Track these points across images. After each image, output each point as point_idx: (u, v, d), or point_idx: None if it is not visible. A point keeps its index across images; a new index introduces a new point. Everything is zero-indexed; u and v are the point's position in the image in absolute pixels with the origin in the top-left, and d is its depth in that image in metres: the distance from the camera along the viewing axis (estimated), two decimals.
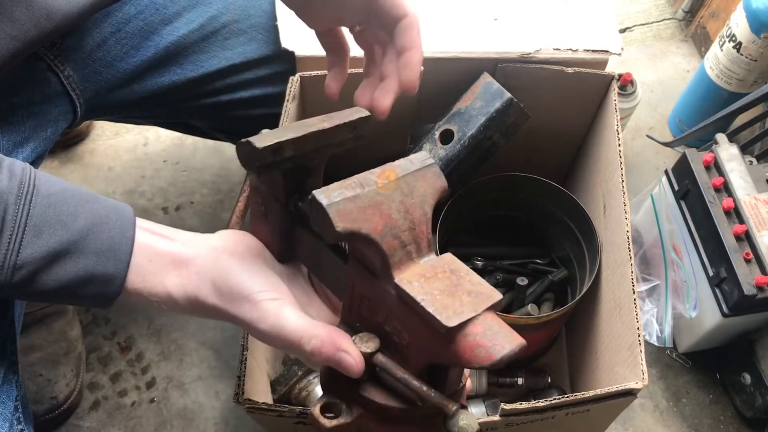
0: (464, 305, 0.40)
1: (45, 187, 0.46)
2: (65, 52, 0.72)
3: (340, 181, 0.43)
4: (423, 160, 0.46)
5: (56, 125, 0.73)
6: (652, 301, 1.03)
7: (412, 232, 0.43)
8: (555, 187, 0.89)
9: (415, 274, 0.42)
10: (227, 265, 0.48)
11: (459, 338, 0.39)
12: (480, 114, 0.82)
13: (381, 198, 0.43)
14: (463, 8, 0.88)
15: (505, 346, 0.39)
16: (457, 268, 0.43)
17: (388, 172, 0.44)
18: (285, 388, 0.84)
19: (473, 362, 0.39)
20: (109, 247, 0.46)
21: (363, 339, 0.45)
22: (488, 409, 0.92)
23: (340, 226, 0.41)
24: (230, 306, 0.47)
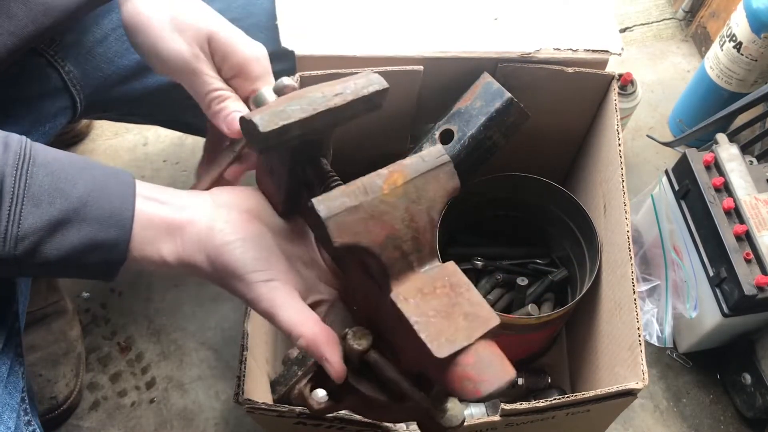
0: (459, 331, 0.38)
1: (42, 156, 0.45)
2: (66, 48, 0.72)
3: (343, 187, 0.41)
4: (437, 157, 0.43)
5: (55, 120, 0.73)
6: (652, 301, 1.03)
7: (415, 241, 0.42)
8: (555, 187, 0.89)
9: (413, 288, 0.41)
10: (220, 238, 0.47)
11: (449, 366, 0.38)
12: (480, 114, 0.81)
13: (385, 207, 0.41)
14: (463, 8, 0.88)
15: (493, 382, 0.38)
16: (457, 283, 0.41)
17: (396, 175, 0.42)
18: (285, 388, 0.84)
19: (460, 393, 0.38)
20: (110, 213, 0.46)
21: (356, 335, 0.44)
22: (488, 409, 0.92)
23: (338, 242, 0.39)
24: (225, 281, 0.48)
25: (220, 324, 1.06)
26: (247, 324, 0.69)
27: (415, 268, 0.42)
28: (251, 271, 0.46)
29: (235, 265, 0.46)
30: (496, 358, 0.39)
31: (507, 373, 0.38)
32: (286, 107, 0.43)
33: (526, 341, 0.92)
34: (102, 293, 1.09)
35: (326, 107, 0.44)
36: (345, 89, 0.45)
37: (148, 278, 1.10)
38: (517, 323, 0.83)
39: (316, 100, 0.44)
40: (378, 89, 0.46)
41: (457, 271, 0.42)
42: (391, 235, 0.41)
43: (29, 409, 0.59)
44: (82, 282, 1.09)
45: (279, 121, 0.43)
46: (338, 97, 0.44)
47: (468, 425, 0.64)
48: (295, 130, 0.43)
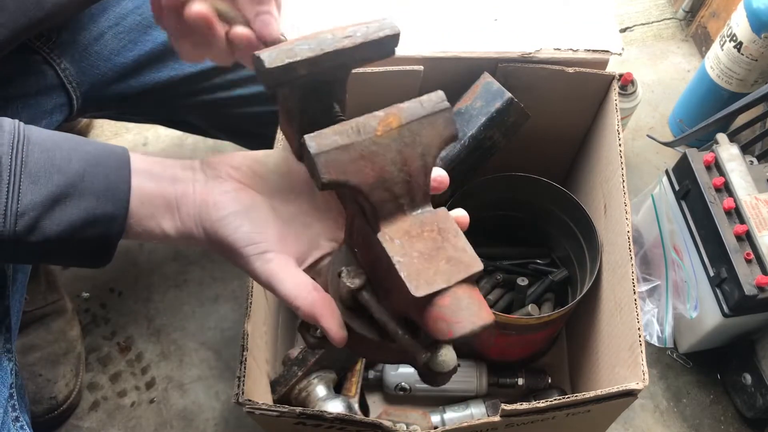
0: (439, 273, 0.39)
1: (36, 135, 0.46)
2: (61, 46, 0.72)
3: (337, 125, 0.41)
4: (436, 103, 0.43)
5: (51, 117, 0.73)
6: (652, 301, 1.03)
7: (406, 184, 0.42)
8: (555, 187, 0.89)
9: (401, 229, 0.41)
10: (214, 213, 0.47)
11: (426, 307, 0.39)
12: (480, 114, 0.81)
13: (377, 148, 0.41)
14: (463, 8, 0.88)
15: (466, 325, 0.38)
16: (445, 228, 0.42)
17: (392, 118, 0.42)
18: (285, 388, 0.84)
19: (434, 334, 0.39)
20: (106, 187, 0.46)
21: (350, 274, 0.44)
22: (488, 410, 0.92)
23: (326, 178, 0.39)
24: (224, 254, 0.48)
25: (220, 324, 1.06)
26: (247, 324, 0.69)
27: (405, 212, 0.42)
28: (245, 245, 0.47)
29: (229, 240, 0.47)
30: (474, 302, 0.39)
31: (481, 317, 0.39)
32: (294, 46, 0.44)
33: (527, 341, 0.92)
34: (102, 293, 1.09)
35: (334, 48, 0.44)
36: (356, 32, 0.45)
37: (148, 278, 1.10)
38: (517, 323, 0.83)
39: (325, 40, 0.44)
40: (389, 34, 0.45)
41: (448, 218, 0.42)
42: (382, 177, 0.41)
43: (17, 405, 0.59)
44: (82, 282, 1.09)
45: (285, 58, 0.43)
46: (348, 39, 0.44)
47: (468, 425, 0.64)
48: (302, 68, 0.43)
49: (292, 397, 0.85)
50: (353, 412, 0.83)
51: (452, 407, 0.93)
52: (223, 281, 1.10)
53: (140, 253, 1.12)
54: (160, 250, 1.12)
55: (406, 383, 0.94)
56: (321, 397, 0.84)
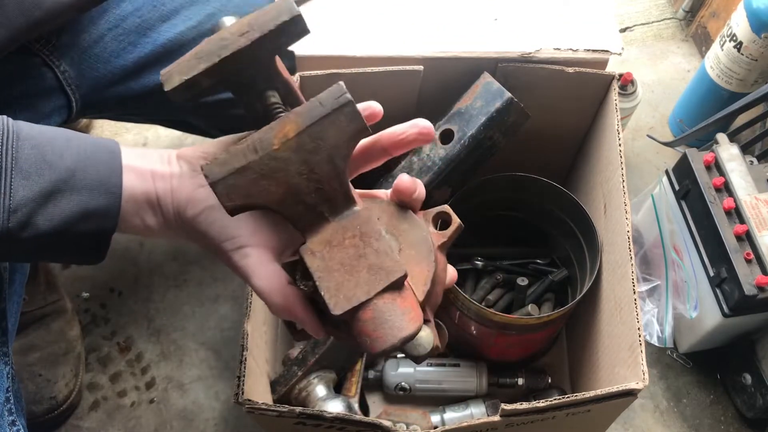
0: (359, 285, 0.38)
1: (26, 131, 0.46)
2: (61, 48, 0.72)
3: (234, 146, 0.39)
4: (337, 97, 0.40)
5: (50, 120, 0.72)
6: (652, 301, 1.03)
7: (319, 192, 0.40)
8: (555, 187, 0.89)
9: (323, 240, 0.40)
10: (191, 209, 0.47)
11: (351, 322, 0.38)
12: (480, 114, 0.81)
13: (277, 163, 0.39)
14: (463, 8, 0.88)
15: (387, 339, 0.37)
16: (367, 232, 0.40)
17: (289, 126, 0.39)
18: (285, 388, 0.84)
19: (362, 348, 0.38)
20: (98, 181, 0.46)
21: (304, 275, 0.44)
22: (488, 409, 0.92)
23: (229, 205, 0.39)
24: (205, 247, 0.48)
25: (219, 324, 1.06)
26: (247, 324, 0.69)
27: (328, 218, 0.41)
28: (222, 240, 0.47)
29: (206, 236, 0.47)
30: (395, 313, 0.38)
31: (402, 329, 0.38)
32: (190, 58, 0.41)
33: (527, 341, 0.92)
34: (102, 293, 1.09)
35: (231, 51, 0.41)
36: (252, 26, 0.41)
37: (148, 278, 1.10)
38: (517, 323, 0.83)
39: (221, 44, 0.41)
40: (286, 19, 0.41)
41: (371, 219, 0.41)
42: (290, 191, 0.40)
43: (14, 409, 0.59)
44: (82, 282, 1.09)
45: (182, 77, 0.41)
46: (243, 38, 0.41)
47: (468, 425, 0.64)
48: (204, 81, 0.41)
49: (292, 397, 0.85)
50: (353, 412, 0.83)
51: (452, 407, 0.93)
52: (223, 281, 1.09)
53: (140, 253, 1.12)
54: (160, 250, 1.12)
55: (406, 383, 0.94)
56: (321, 397, 0.84)
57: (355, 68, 0.79)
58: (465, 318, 0.86)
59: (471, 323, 0.86)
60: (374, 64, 0.80)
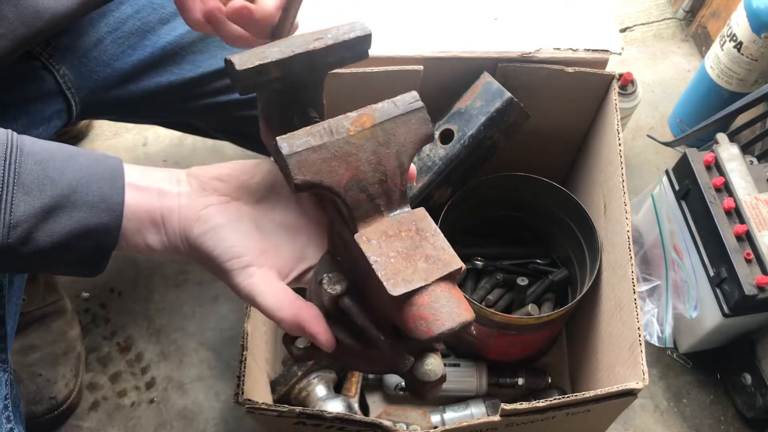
0: (417, 272, 0.39)
1: (29, 146, 0.45)
2: (60, 52, 0.72)
3: (309, 127, 0.41)
4: (410, 102, 0.43)
5: (50, 123, 0.72)
6: (652, 301, 1.03)
7: (382, 184, 0.42)
8: (555, 187, 0.89)
9: (378, 230, 0.41)
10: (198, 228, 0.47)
11: (405, 306, 0.38)
12: (480, 114, 0.81)
13: (350, 148, 0.40)
14: (463, 8, 0.88)
15: (445, 323, 0.38)
16: (424, 228, 0.41)
17: (365, 118, 0.41)
18: (285, 388, 0.84)
19: (414, 333, 0.38)
20: (100, 198, 0.46)
21: (332, 280, 0.44)
22: (488, 409, 0.92)
23: (299, 179, 0.39)
24: (208, 268, 0.48)
25: (219, 324, 1.06)
26: (247, 324, 0.69)
27: (383, 212, 0.42)
28: (227, 259, 0.46)
29: (213, 255, 0.47)
30: (453, 299, 0.39)
31: (461, 315, 0.38)
32: (266, 49, 0.44)
33: (527, 341, 0.92)
34: (102, 293, 1.09)
35: (305, 49, 0.44)
36: (326, 34, 0.45)
37: (148, 278, 1.10)
38: (517, 323, 0.83)
39: (296, 42, 0.44)
40: (360, 35, 0.45)
41: (426, 217, 0.42)
42: (356, 177, 0.41)
43: (12, 416, 0.59)
44: (82, 282, 1.09)
45: (256, 60, 0.43)
46: (318, 41, 0.44)
47: (468, 425, 0.64)
48: (273, 70, 0.43)
49: (292, 396, 0.85)
50: (353, 411, 0.84)
51: (452, 407, 0.93)
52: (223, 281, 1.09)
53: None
54: None
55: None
56: (321, 396, 0.84)
57: (355, 68, 0.79)
58: None
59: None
60: (374, 64, 0.80)
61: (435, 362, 0.43)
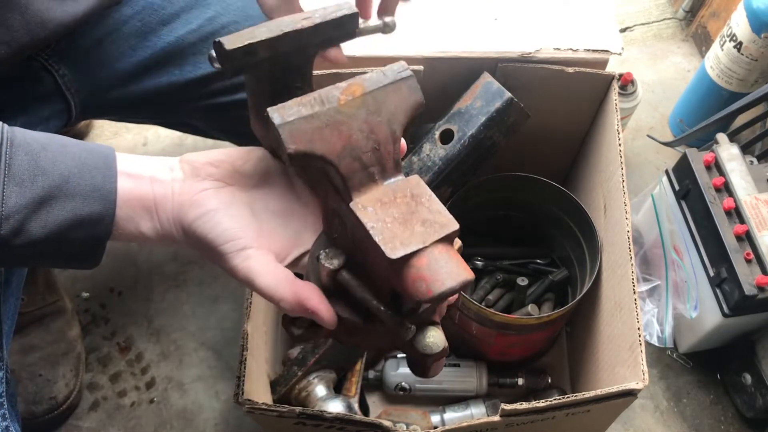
0: (414, 236, 0.39)
1: (20, 137, 0.45)
2: (60, 53, 0.72)
3: (299, 97, 0.41)
4: (399, 71, 0.43)
5: (48, 124, 0.72)
6: (652, 301, 1.03)
7: (375, 153, 0.42)
8: (555, 187, 0.89)
9: (373, 198, 0.41)
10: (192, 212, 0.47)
11: (404, 269, 0.39)
12: (480, 114, 0.81)
13: (342, 117, 0.41)
14: (463, 8, 0.88)
15: (445, 282, 0.38)
16: (419, 193, 0.42)
17: (354, 86, 0.41)
18: (285, 388, 0.84)
19: (414, 294, 0.38)
20: (93, 187, 0.46)
21: (329, 255, 0.44)
22: (488, 410, 0.92)
23: (292, 148, 0.39)
24: (204, 253, 0.48)
25: (220, 324, 1.06)
26: (247, 324, 0.69)
27: (377, 181, 0.42)
28: (223, 242, 0.46)
29: (207, 239, 0.46)
30: (452, 260, 0.39)
31: (461, 274, 0.38)
32: (254, 30, 0.44)
33: (527, 341, 0.92)
34: (102, 293, 1.09)
35: (293, 28, 0.44)
36: (314, 14, 0.45)
37: (148, 278, 1.10)
38: (517, 323, 0.83)
39: (284, 22, 0.44)
40: (347, 13, 0.46)
41: (420, 183, 0.42)
42: (349, 145, 0.41)
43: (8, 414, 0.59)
44: (82, 282, 1.09)
45: (245, 40, 0.43)
46: (306, 20, 0.44)
47: (468, 425, 0.64)
48: (262, 50, 0.43)
49: (292, 397, 0.85)
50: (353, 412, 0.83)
51: (452, 407, 0.93)
52: (223, 281, 1.09)
53: (140, 253, 1.12)
54: (159, 250, 1.12)
55: (406, 383, 0.94)
56: (321, 397, 0.84)
57: (355, 68, 0.79)
58: (465, 318, 0.86)
59: (471, 323, 0.86)
60: (374, 64, 0.79)
61: (436, 334, 0.43)
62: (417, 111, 0.43)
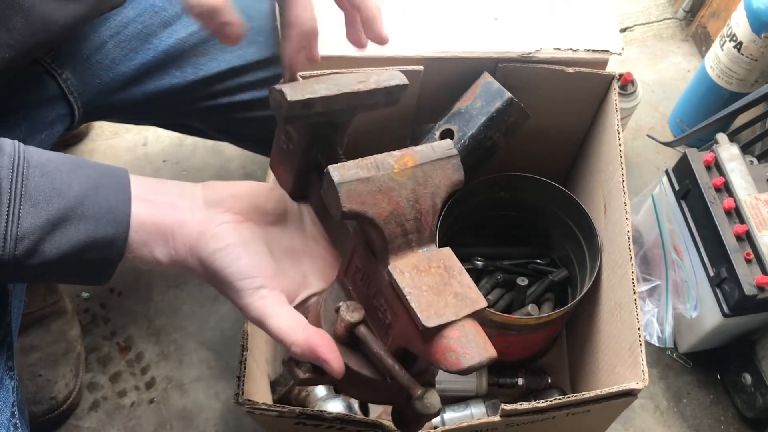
0: (447, 307, 0.41)
1: (36, 158, 0.46)
2: (63, 57, 0.72)
3: (357, 160, 0.43)
4: (446, 149, 0.46)
5: (53, 128, 0.72)
6: (652, 301, 1.03)
7: (417, 221, 0.44)
8: (555, 187, 0.89)
9: (410, 264, 0.43)
10: (212, 244, 0.47)
11: (435, 338, 0.40)
12: (480, 114, 0.81)
13: (393, 184, 0.43)
14: (463, 8, 0.88)
15: (474, 356, 0.40)
16: (451, 266, 0.44)
17: (407, 158, 0.44)
18: (285, 388, 0.84)
19: (442, 364, 0.40)
20: (106, 210, 0.46)
21: (349, 308, 0.46)
22: (488, 410, 0.92)
23: (347, 207, 0.41)
24: (217, 285, 0.48)
25: (220, 324, 1.06)
26: (247, 324, 0.69)
27: (413, 248, 0.44)
28: (240, 279, 0.47)
29: (225, 273, 0.47)
30: (480, 336, 0.41)
31: (488, 351, 0.41)
32: (314, 83, 0.47)
33: (527, 341, 0.92)
34: (101, 293, 1.09)
35: (350, 90, 0.47)
36: (368, 78, 0.49)
37: (148, 278, 1.10)
38: (517, 323, 0.83)
39: (341, 82, 0.48)
40: (398, 83, 0.50)
41: (452, 256, 0.45)
42: (396, 212, 0.43)
43: (19, 423, 0.59)
44: None
45: (306, 93, 0.46)
46: (362, 84, 0.48)
47: (468, 425, 0.64)
48: (318, 105, 0.47)
49: (292, 397, 0.85)
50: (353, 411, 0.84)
51: (452, 407, 0.93)
52: None
53: None
54: None
55: None
56: (321, 396, 0.84)
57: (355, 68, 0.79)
58: None
59: None
60: (374, 64, 0.80)
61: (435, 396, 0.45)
62: (456, 188, 0.46)
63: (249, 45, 0.82)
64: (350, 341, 0.46)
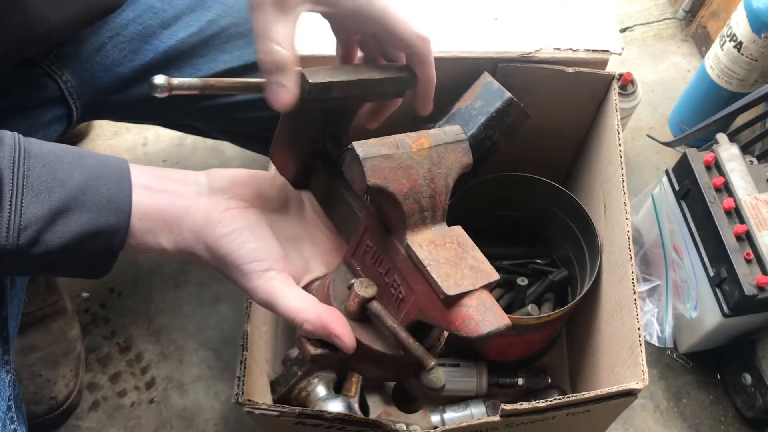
0: (465, 278, 0.43)
1: (36, 149, 0.46)
2: (63, 58, 0.72)
3: (378, 138, 0.45)
4: (456, 134, 0.48)
5: (50, 129, 0.72)
6: (652, 301, 1.03)
7: (432, 199, 0.46)
8: (555, 187, 0.89)
9: (426, 238, 0.45)
10: (218, 229, 0.48)
11: (454, 306, 0.42)
12: (480, 114, 0.81)
13: (412, 162, 0.45)
14: (463, 8, 0.88)
15: (492, 323, 0.41)
16: (464, 242, 0.46)
17: (423, 139, 0.46)
18: (285, 388, 0.84)
19: (462, 331, 0.42)
20: (108, 199, 0.46)
21: (363, 284, 0.47)
22: (488, 410, 0.92)
23: (371, 181, 0.43)
24: (224, 270, 0.49)
25: (219, 324, 1.06)
26: (247, 324, 0.69)
27: (428, 224, 0.46)
28: (248, 262, 0.47)
29: (233, 257, 0.47)
30: (496, 306, 0.43)
31: (504, 319, 0.42)
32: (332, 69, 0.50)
33: (527, 341, 0.92)
34: (101, 293, 1.09)
35: (366, 77, 0.50)
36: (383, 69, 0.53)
37: (148, 278, 1.10)
38: (517, 323, 0.83)
39: (358, 69, 0.51)
40: (408, 76, 0.53)
41: (464, 234, 0.47)
42: (413, 189, 0.45)
43: (15, 417, 0.59)
44: (82, 282, 1.09)
45: (327, 77, 0.48)
46: (376, 73, 0.51)
47: (468, 425, 0.64)
48: (336, 89, 0.49)
49: (292, 397, 0.85)
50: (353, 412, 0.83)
51: (452, 407, 0.93)
52: (223, 281, 1.08)
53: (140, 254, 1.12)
54: None
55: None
56: (321, 397, 0.84)
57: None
58: None
59: None
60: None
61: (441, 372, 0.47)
62: (466, 170, 0.48)
63: (248, 45, 0.82)
64: (361, 317, 0.48)
